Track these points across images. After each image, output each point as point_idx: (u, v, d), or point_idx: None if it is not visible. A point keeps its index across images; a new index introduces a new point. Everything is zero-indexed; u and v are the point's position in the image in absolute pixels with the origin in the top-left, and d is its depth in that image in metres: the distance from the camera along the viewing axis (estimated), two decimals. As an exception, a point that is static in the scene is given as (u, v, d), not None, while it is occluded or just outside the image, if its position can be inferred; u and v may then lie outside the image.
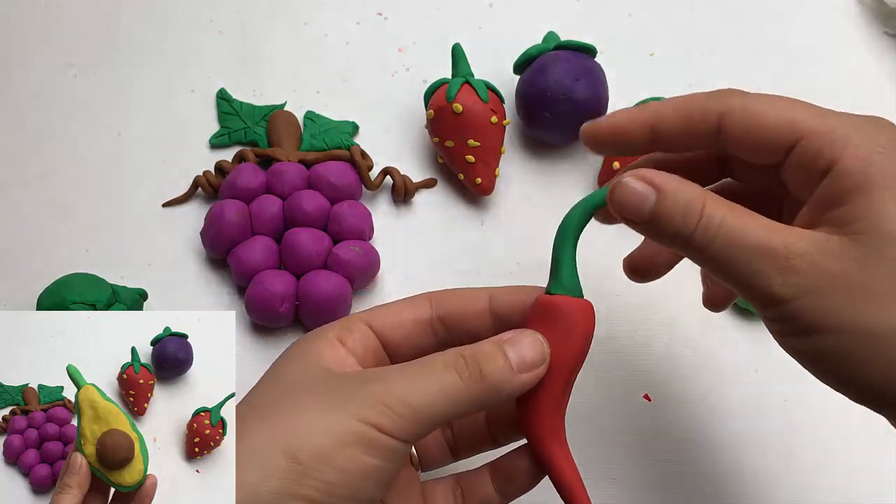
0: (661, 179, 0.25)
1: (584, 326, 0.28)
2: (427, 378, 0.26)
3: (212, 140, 0.45)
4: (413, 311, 0.30)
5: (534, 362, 0.27)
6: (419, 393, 0.25)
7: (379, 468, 0.25)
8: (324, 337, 0.29)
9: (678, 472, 0.38)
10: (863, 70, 0.49)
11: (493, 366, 0.26)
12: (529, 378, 0.27)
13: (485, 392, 0.26)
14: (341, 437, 0.24)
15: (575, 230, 0.28)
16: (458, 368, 0.26)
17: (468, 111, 0.41)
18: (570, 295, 0.28)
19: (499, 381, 0.26)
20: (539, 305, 0.28)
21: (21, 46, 0.48)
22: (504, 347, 0.27)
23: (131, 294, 0.40)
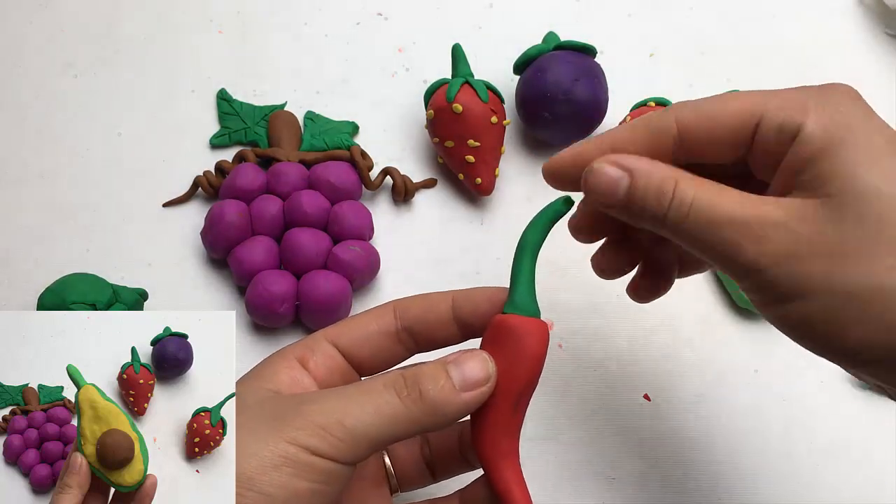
0: (632, 162, 0.25)
1: (535, 348, 0.27)
2: (364, 398, 0.25)
3: (212, 140, 0.45)
4: (378, 324, 0.29)
5: (477, 381, 0.26)
6: (355, 414, 0.25)
7: (311, 491, 0.24)
8: (284, 357, 0.29)
9: (678, 471, 0.38)
10: (863, 70, 0.49)
11: (434, 385, 0.25)
12: (473, 397, 0.26)
13: (425, 413, 0.25)
14: (269, 460, 0.24)
15: (533, 246, 0.28)
16: (396, 388, 0.25)
17: (468, 111, 0.41)
18: (524, 314, 0.27)
19: (440, 400, 0.25)
20: (493, 325, 0.28)
21: (21, 46, 0.48)
22: (447, 368, 0.26)
23: (131, 294, 0.40)
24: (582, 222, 0.30)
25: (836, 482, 0.38)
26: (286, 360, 0.28)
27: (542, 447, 0.38)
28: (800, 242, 0.23)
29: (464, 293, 0.30)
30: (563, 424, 0.39)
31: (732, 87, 0.43)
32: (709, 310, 0.42)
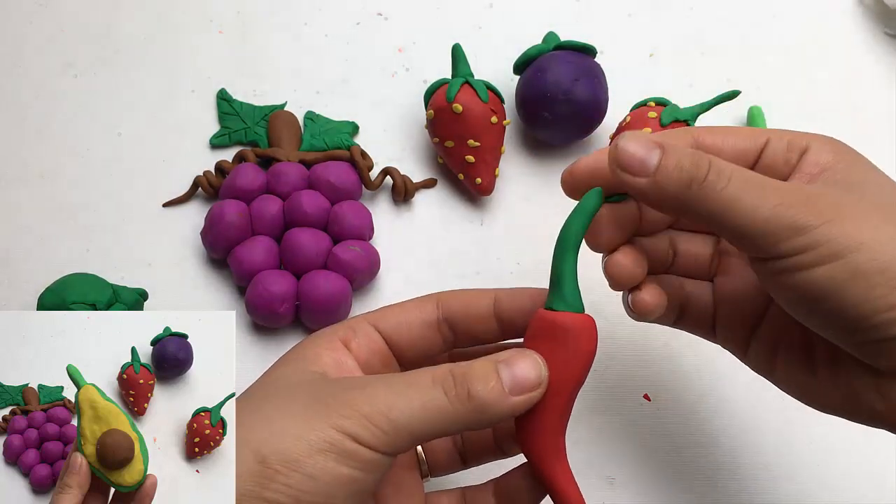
0: (661, 139, 0.26)
1: (587, 345, 0.27)
2: (412, 392, 0.25)
3: (212, 140, 0.45)
4: (420, 313, 0.30)
5: (529, 385, 0.26)
6: (401, 407, 0.25)
7: (352, 478, 0.24)
8: (327, 338, 0.29)
9: (678, 471, 0.38)
10: (863, 70, 0.49)
11: (483, 386, 0.25)
12: (522, 401, 0.26)
13: (470, 413, 0.25)
14: (314, 444, 0.24)
15: (575, 240, 0.27)
16: (445, 386, 0.25)
17: (468, 111, 0.41)
18: (572, 311, 0.27)
19: (487, 402, 0.25)
20: (539, 321, 0.27)
21: (21, 46, 0.48)
22: (498, 367, 0.26)
23: (131, 294, 0.40)
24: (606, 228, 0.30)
25: (836, 482, 0.38)
26: (329, 340, 0.29)
27: (542, 447, 0.38)
28: (847, 208, 0.24)
29: (507, 291, 0.30)
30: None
31: (732, 86, 0.43)
32: (709, 310, 0.42)
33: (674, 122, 0.41)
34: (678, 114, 0.41)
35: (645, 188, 0.26)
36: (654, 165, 0.25)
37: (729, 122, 0.46)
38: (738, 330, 0.30)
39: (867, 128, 0.47)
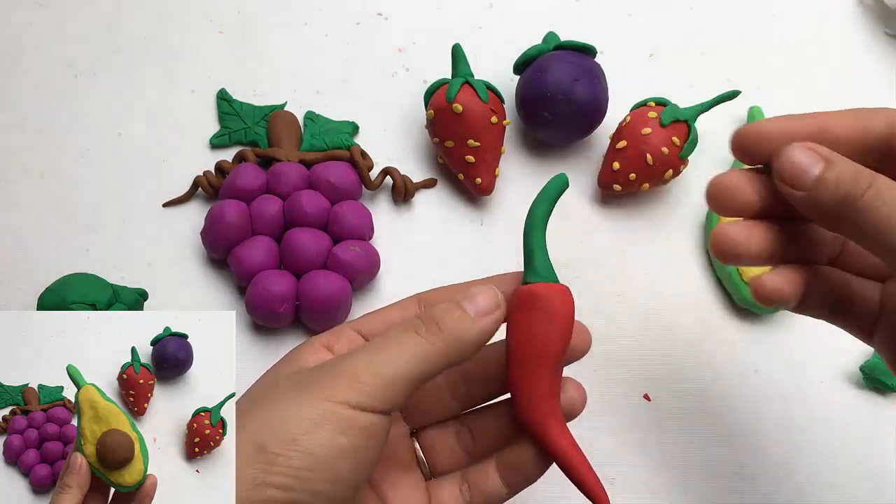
0: (829, 153, 0.26)
1: (564, 309, 0.29)
2: (388, 345, 0.26)
3: (212, 140, 0.45)
4: (402, 314, 0.31)
5: (488, 308, 0.27)
6: (384, 361, 0.26)
7: (353, 447, 0.25)
8: (310, 346, 0.30)
9: (678, 472, 0.38)
10: (863, 70, 0.49)
11: (450, 317, 0.27)
12: (488, 322, 0.27)
13: (447, 344, 0.26)
14: (310, 420, 0.24)
15: (543, 219, 0.30)
16: (415, 327, 0.27)
17: (468, 111, 0.41)
18: (547, 281, 0.29)
19: (458, 329, 0.27)
20: (519, 296, 0.29)
21: (21, 46, 0.48)
22: (460, 302, 0.27)
23: (131, 294, 0.40)
24: None
25: (836, 482, 0.38)
26: (313, 347, 0.29)
27: (542, 447, 0.38)
28: None
29: (486, 280, 0.31)
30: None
31: (732, 86, 0.43)
32: (709, 310, 0.42)
33: (674, 122, 0.41)
34: (678, 114, 0.41)
35: (801, 201, 0.26)
36: (814, 179, 0.25)
37: (729, 122, 0.47)
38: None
39: (867, 128, 0.47)
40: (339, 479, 0.25)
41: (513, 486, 0.30)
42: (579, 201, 0.44)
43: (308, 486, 0.24)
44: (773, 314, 0.42)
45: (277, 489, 0.24)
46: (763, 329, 0.42)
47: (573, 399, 0.30)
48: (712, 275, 0.43)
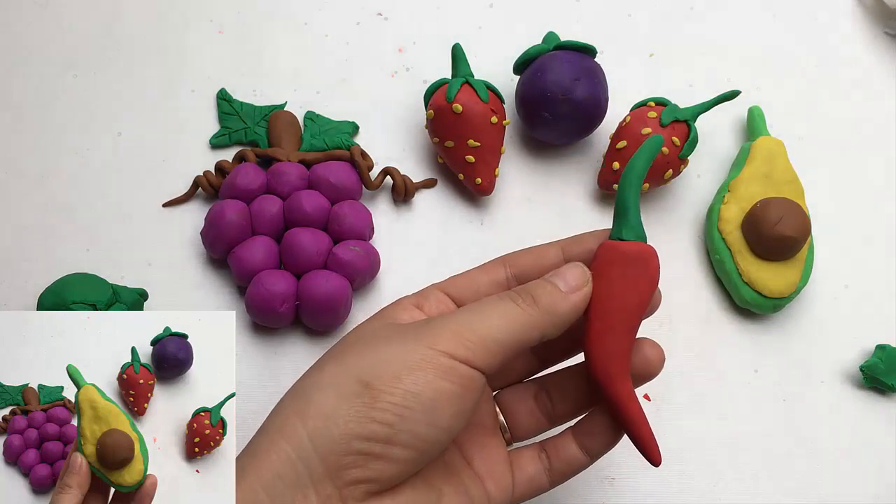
0: None
1: (652, 270, 0.29)
2: (488, 309, 0.28)
3: (212, 140, 0.45)
4: (489, 276, 0.32)
5: (578, 285, 0.29)
6: (484, 322, 0.27)
7: (453, 393, 0.26)
8: (400, 305, 0.31)
9: (678, 472, 0.38)
10: (863, 70, 0.49)
11: (543, 291, 0.28)
12: (579, 297, 0.29)
13: (542, 315, 0.28)
14: (414, 362, 0.26)
15: (639, 177, 0.29)
16: (512, 298, 0.28)
17: (468, 111, 0.41)
18: (638, 240, 0.29)
19: (552, 302, 0.28)
20: (607, 250, 0.29)
21: (21, 46, 0.48)
22: (551, 279, 0.29)
23: (132, 294, 0.40)
24: None
25: (836, 482, 0.38)
26: (404, 306, 0.31)
27: (542, 447, 0.38)
28: None
29: (572, 239, 0.32)
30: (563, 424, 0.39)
31: (732, 86, 0.43)
32: (709, 310, 0.42)
33: (674, 122, 0.41)
34: (678, 114, 0.41)
35: None
36: None
37: (729, 122, 0.47)
38: None
39: (867, 128, 0.47)
40: (437, 422, 0.26)
41: (592, 453, 0.31)
42: (579, 201, 0.44)
43: (408, 426, 0.25)
44: (773, 314, 0.42)
45: (380, 424, 0.25)
46: (763, 329, 0.42)
47: (650, 358, 0.31)
48: (712, 275, 0.43)
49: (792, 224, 0.39)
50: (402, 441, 0.25)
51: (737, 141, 0.46)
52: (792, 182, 0.42)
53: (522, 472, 0.31)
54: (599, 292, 0.29)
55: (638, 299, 0.29)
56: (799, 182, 0.42)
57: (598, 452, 0.31)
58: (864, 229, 0.44)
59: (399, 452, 0.25)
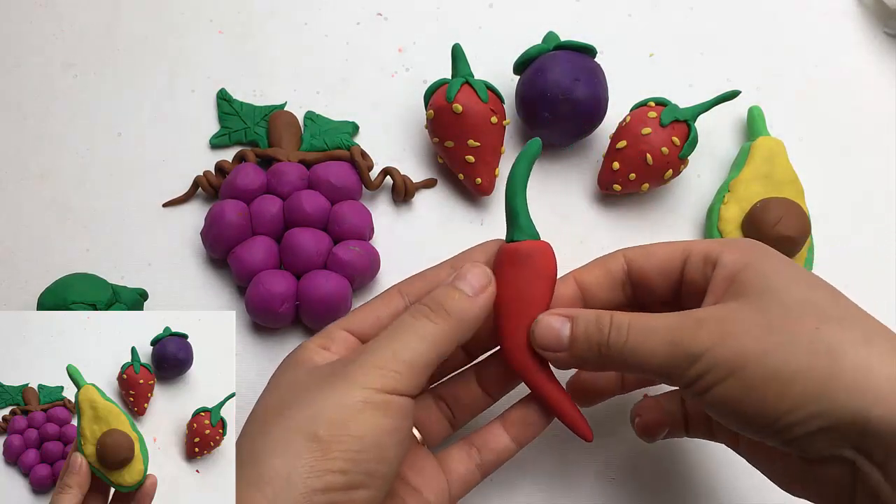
0: (569, 311, 0.31)
1: (547, 263, 0.31)
2: (407, 332, 0.28)
3: (212, 140, 0.45)
4: (387, 307, 0.32)
5: (483, 285, 0.30)
6: (406, 348, 0.28)
7: (393, 427, 0.27)
8: (307, 348, 0.31)
9: (678, 472, 0.38)
10: (863, 70, 0.49)
11: (452, 300, 0.29)
12: (485, 298, 0.30)
13: (455, 324, 0.29)
14: (353, 406, 0.26)
15: (523, 182, 0.32)
16: (426, 315, 0.29)
17: (468, 111, 0.41)
18: (532, 239, 0.31)
19: (463, 309, 0.29)
20: (505, 254, 0.32)
21: (21, 46, 0.48)
22: (456, 284, 0.30)
23: (132, 294, 0.40)
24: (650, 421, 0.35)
25: (836, 482, 0.38)
26: (310, 349, 0.30)
27: (542, 447, 0.38)
28: (730, 329, 0.27)
29: (461, 255, 0.33)
30: (562, 424, 0.39)
31: (732, 86, 0.43)
32: (709, 310, 0.42)
33: (674, 122, 0.41)
34: (678, 114, 0.41)
35: (567, 361, 0.30)
36: (567, 338, 0.30)
37: (729, 122, 0.46)
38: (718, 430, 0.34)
39: (867, 128, 0.47)
40: (385, 456, 0.27)
41: (521, 440, 0.33)
42: (579, 201, 0.44)
43: (361, 468, 0.26)
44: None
45: (335, 473, 0.25)
46: (763, 329, 0.42)
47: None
48: (712, 275, 0.43)
49: (792, 224, 0.39)
50: (359, 483, 0.26)
51: (737, 141, 0.46)
52: (792, 182, 0.42)
53: (454, 473, 0.32)
54: (504, 292, 0.31)
55: (538, 292, 0.31)
56: (799, 182, 0.42)
57: (527, 440, 0.33)
58: (864, 229, 0.44)
59: (360, 494, 0.26)
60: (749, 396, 0.26)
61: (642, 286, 0.32)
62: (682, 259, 0.31)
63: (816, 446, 0.26)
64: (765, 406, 0.26)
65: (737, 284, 0.28)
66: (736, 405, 0.26)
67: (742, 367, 0.26)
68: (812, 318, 0.26)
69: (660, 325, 0.28)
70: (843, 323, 0.27)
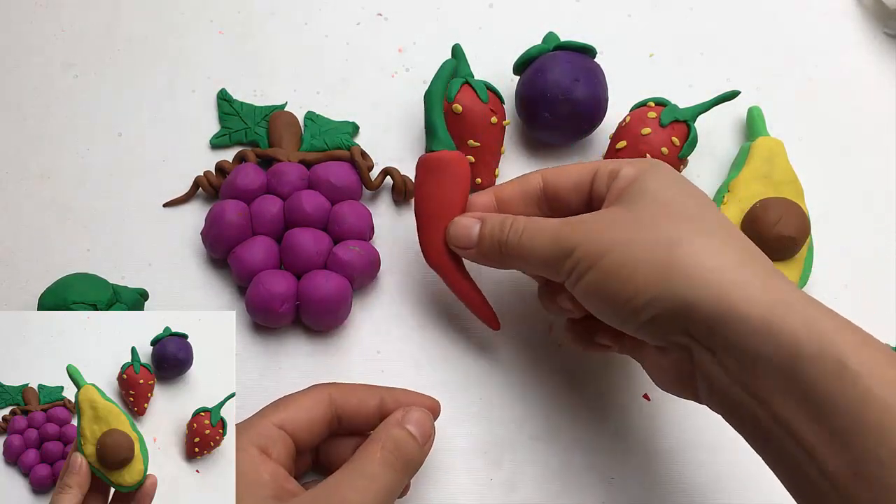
0: (480, 214, 0.35)
1: (462, 171, 0.36)
2: (374, 486, 0.30)
3: (212, 140, 0.45)
4: (319, 412, 0.33)
5: (429, 434, 0.33)
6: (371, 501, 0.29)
7: None
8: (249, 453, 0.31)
9: (678, 472, 0.38)
10: (863, 70, 0.49)
11: (410, 448, 0.31)
12: (430, 448, 0.33)
13: (409, 474, 0.32)
14: None
15: (439, 96, 0.37)
16: (394, 468, 0.31)
17: (468, 112, 0.41)
18: (446, 149, 0.36)
19: (417, 462, 0.32)
20: (425, 162, 0.36)
21: (21, 46, 0.48)
22: (407, 427, 0.32)
23: (132, 294, 0.40)
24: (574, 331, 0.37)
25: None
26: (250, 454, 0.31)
27: (542, 447, 0.38)
28: (601, 224, 0.31)
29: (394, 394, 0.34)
30: (563, 424, 0.39)
31: (732, 86, 0.43)
32: (709, 310, 0.42)
33: (673, 123, 0.41)
34: (678, 114, 0.41)
35: (474, 257, 0.36)
36: (476, 236, 0.35)
37: (729, 122, 0.47)
38: None
39: (867, 128, 0.47)
40: None
41: None
42: (579, 201, 0.44)
43: None
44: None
45: None
46: (763, 329, 0.42)
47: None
48: (712, 275, 0.43)
49: (791, 224, 0.39)
50: None
51: (737, 141, 0.46)
52: (792, 182, 0.42)
53: None
54: (422, 195, 0.36)
55: (455, 196, 0.36)
56: (799, 182, 0.42)
57: None
58: (863, 229, 0.44)
59: None
60: (605, 284, 0.30)
61: (557, 200, 0.35)
62: (591, 175, 0.34)
63: (656, 331, 0.29)
64: (615, 292, 0.29)
65: (623, 193, 0.32)
66: (596, 292, 0.30)
67: (602, 257, 0.30)
68: (669, 217, 0.30)
69: (548, 226, 0.32)
70: (693, 221, 0.30)
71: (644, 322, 0.29)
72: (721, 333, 0.27)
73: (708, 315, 0.27)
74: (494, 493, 0.38)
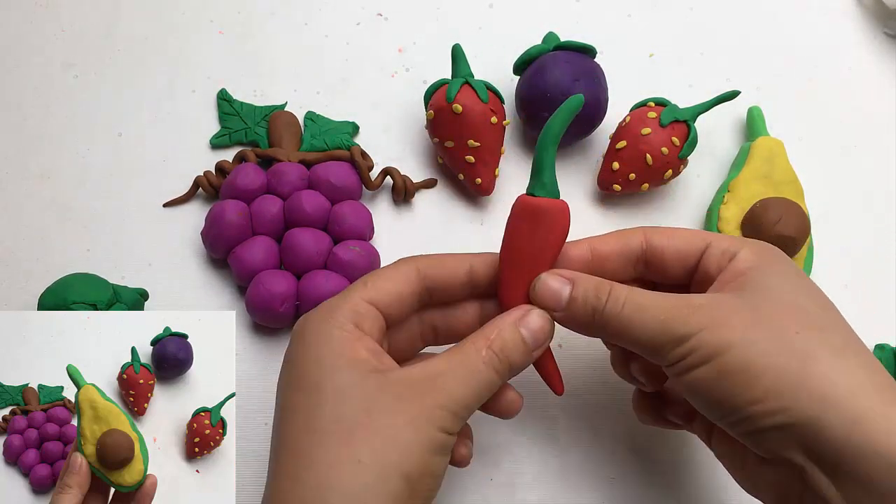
0: (571, 274, 0.31)
1: (561, 224, 0.31)
2: (473, 381, 0.29)
3: (212, 140, 0.45)
4: (408, 287, 0.32)
5: (541, 343, 0.31)
6: (471, 395, 0.29)
7: (446, 463, 0.29)
8: (341, 328, 0.30)
9: (678, 472, 0.38)
10: (863, 70, 0.49)
11: (518, 353, 0.30)
12: (538, 354, 0.31)
13: (511, 374, 0.30)
14: (430, 448, 0.28)
15: (555, 136, 0.31)
16: (495, 366, 0.29)
17: (468, 111, 0.41)
18: (550, 196, 0.31)
19: (521, 367, 0.31)
20: (522, 205, 0.32)
21: (21, 46, 0.48)
22: (521, 331, 0.30)
23: (132, 294, 0.40)
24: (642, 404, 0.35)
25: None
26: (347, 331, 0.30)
27: (542, 447, 0.38)
28: (721, 314, 0.28)
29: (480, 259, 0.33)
30: (563, 424, 0.39)
31: (732, 86, 0.43)
32: (709, 310, 0.42)
33: (673, 123, 0.41)
34: (678, 114, 0.41)
35: (561, 320, 0.31)
36: (566, 299, 0.31)
37: (729, 122, 0.46)
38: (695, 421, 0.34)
39: (867, 128, 0.47)
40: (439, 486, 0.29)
41: None
42: (579, 201, 0.44)
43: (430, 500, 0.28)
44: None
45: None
46: (763, 329, 0.42)
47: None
48: (712, 275, 0.43)
49: (791, 224, 0.39)
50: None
51: (737, 141, 0.46)
52: (791, 182, 0.42)
53: None
54: (512, 243, 0.32)
55: (549, 249, 0.31)
56: (798, 182, 0.42)
57: None
58: (863, 229, 0.44)
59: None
60: (722, 382, 0.27)
61: (656, 265, 0.32)
62: (702, 247, 0.31)
63: (771, 443, 0.27)
64: (733, 393, 0.27)
65: (741, 280, 0.29)
66: (709, 389, 0.28)
67: (721, 354, 0.27)
68: (797, 321, 0.27)
69: (655, 303, 0.29)
70: (824, 332, 0.27)
71: (756, 430, 0.27)
72: (850, 463, 0.25)
73: (839, 442, 0.25)
74: (494, 493, 0.38)
